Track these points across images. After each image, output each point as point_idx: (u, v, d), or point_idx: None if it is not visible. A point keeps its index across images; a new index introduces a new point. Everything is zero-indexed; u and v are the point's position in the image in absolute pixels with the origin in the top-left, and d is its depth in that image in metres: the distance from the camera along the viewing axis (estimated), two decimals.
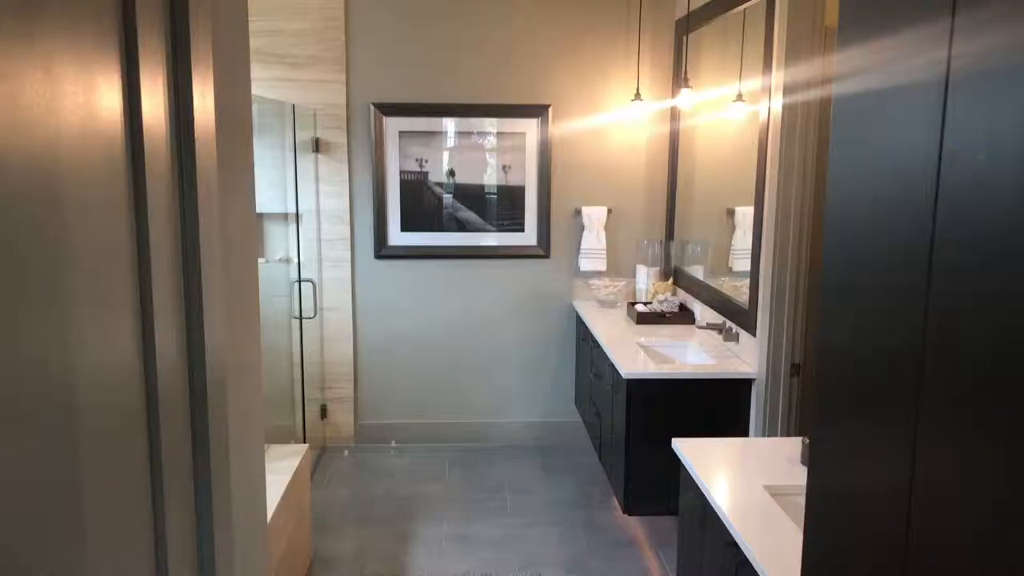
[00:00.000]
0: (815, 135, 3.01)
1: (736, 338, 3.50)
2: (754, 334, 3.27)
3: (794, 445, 2.49)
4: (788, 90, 2.99)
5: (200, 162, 0.79)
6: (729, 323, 3.60)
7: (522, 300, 4.63)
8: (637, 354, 3.55)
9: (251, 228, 1.00)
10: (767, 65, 3.14)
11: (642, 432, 3.29)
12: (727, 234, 3.83)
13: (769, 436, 3.18)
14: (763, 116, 3.18)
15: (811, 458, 1.28)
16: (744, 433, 3.31)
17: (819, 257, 3.45)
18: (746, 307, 3.38)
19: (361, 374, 4.65)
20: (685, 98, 3.99)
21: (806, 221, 3.06)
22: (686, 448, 2.46)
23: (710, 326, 3.76)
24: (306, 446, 3.36)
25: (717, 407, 3.32)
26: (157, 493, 0.70)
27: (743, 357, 3.41)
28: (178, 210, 0.77)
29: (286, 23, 4.28)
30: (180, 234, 0.77)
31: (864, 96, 1.12)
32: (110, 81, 0.64)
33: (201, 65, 0.80)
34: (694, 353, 3.69)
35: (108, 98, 0.64)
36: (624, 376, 3.25)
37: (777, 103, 3.05)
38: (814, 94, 2.95)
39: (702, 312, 3.98)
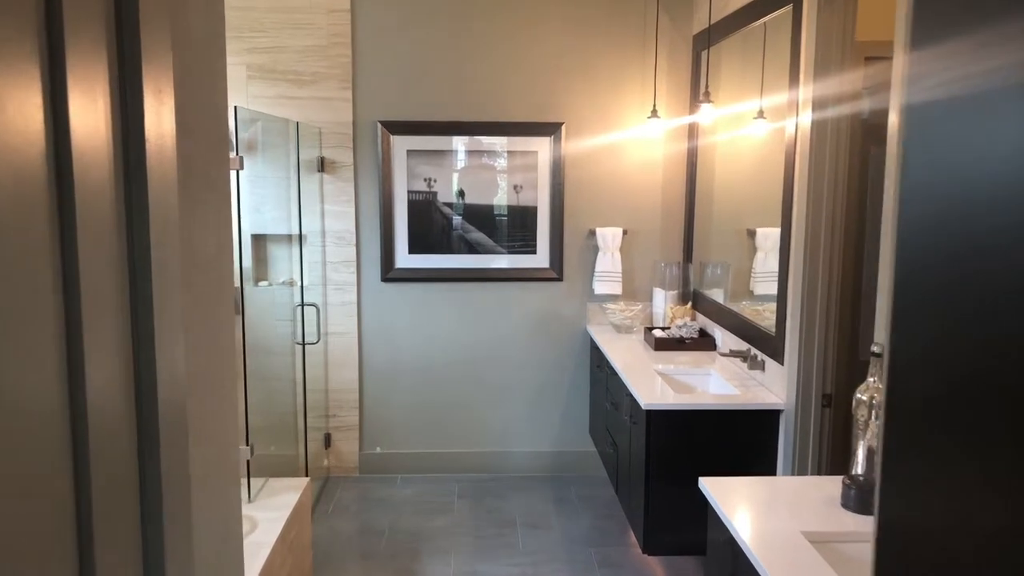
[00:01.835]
0: (847, 151, 2.84)
1: (762, 366, 3.32)
2: (782, 362, 3.09)
3: (833, 485, 2.30)
4: (818, 105, 2.83)
5: (153, 176, 0.63)
6: (754, 350, 3.41)
7: (534, 325, 4.46)
8: (655, 382, 3.37)
9: (226, 248, 0.84)
10: (794, 79, 2.98)
11: (663, 466, 3.10)
12: (748, 256, 3.66)
13: (799, 471, 2.99)
14: (790, 132, 3.02)
15: (881, 489, 1.10)
16: (772, 468, 3.12)
17: (852, 280, 3.26)
18: (772, 333, 3.20)
19: (366, 401, 4.48)
20: (705, 114, 3.84)
21: (838, 242, 2.89)
22: (714, 488, 2.28)
23: (733, 353, 3.57)
24: (307, 479, 3.18)
25: (743, 440, 3.13)
26: (85, 553, 0.56)
27: (770, 387, 3.22)
28: (123, 232, 0.61)
29: (290, 40, 4.16)
30: (127, 261, 0.62)
31: (947, 98, 0.97)
32: (24, 81, 0.50)
33: (156, 61, 0.64)
34: (717, 382, 3.51)
35: (17, 104, 0.49)
36: (644, 406, 3.07)
37: (806, 118, 2.89)
38: (846, 109, 2.79)
39: (723, 338, 3.80)
